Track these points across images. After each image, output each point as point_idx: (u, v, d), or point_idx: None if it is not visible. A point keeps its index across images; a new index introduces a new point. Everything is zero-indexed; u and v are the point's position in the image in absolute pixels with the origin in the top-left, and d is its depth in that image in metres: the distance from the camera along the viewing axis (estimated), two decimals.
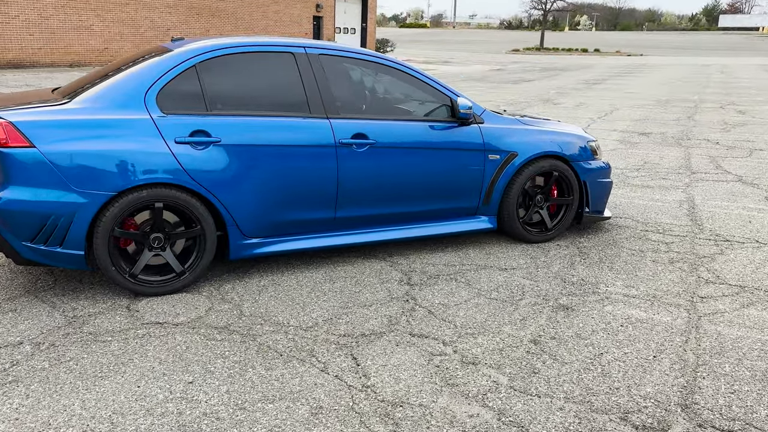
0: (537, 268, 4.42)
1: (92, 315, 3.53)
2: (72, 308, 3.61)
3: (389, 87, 4.53)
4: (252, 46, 4.06)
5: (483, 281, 4.15)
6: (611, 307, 3.80)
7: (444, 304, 3.77)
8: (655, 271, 4.39)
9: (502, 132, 4.69)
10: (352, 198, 4.25)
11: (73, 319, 3.48)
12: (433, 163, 4.44)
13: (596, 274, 4.33)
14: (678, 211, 5.93)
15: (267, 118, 3.96)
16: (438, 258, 4.55)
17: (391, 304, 3.75)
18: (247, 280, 4.05)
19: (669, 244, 4.97)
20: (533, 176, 4.81)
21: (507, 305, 3.79)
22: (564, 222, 5.02)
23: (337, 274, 4.19)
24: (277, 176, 3.98)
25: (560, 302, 3.85)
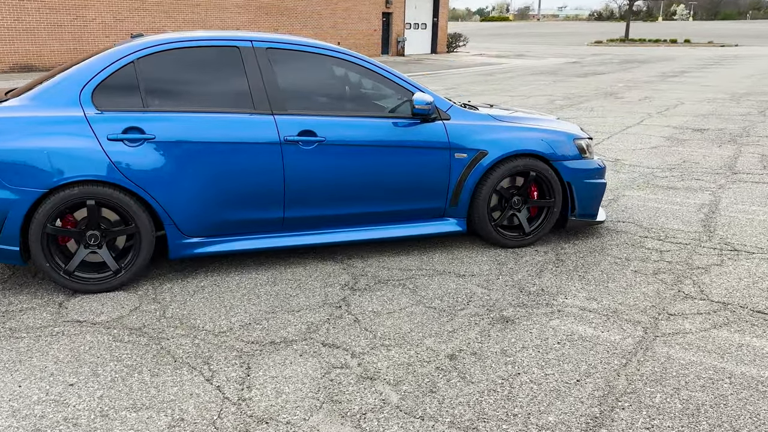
0: (499, 275, 4.10)
1: (23, 311, 3.56)
2: (8, 303, 3.65)
3: (346, 82, 4.33)
4: (195, 40, 3.98)
5: (432, 288, 3.88)
6: (558, 321, 3.46)
7: (375, 312, 3.55)
8: (631, 283, 3.98)
9: (470, 129, 4.39)
10: (302, 198, 4.09)
11: (3, 314, 3.51)
12: (392, 162, 4.21)
13: (562, 283, 3.97)
14: (694, 215, 5.39)
15: (204, 115, 3.86)
16: (397, 261, 4.32)
17: (320, 310, 3.57)
18: (188, 280, 3.97)
19: (663, 253, 4.50)
20: (507, 176, 4.48)
21: (444, 315, 3.52)
22: (544, 226, 4.65)
23: (283, 276, 4.04)
24: (217, 175, 3.88)
25: (504, 314, 3.54)
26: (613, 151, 8.21)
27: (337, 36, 28.16)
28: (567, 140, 4.62)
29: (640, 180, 6.64)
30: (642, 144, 8.70)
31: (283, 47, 4.10)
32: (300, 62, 4.14)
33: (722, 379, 2.89)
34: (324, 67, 4.20)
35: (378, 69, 4.27)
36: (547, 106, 12.90)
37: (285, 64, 4.09)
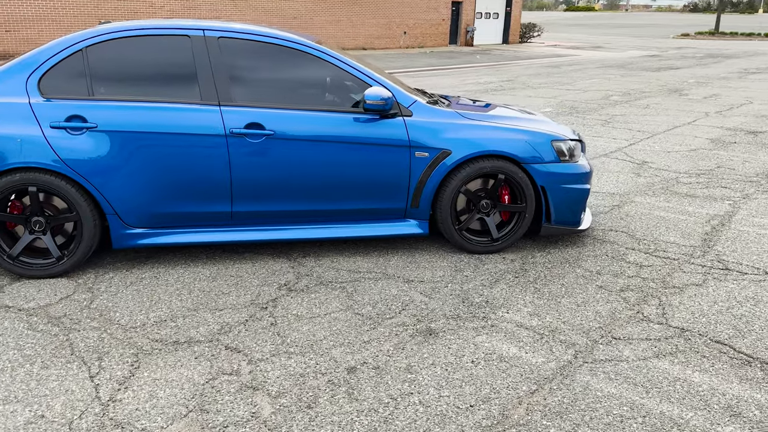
0: (449, 282, 3.86)
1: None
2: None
3: (302, 74, 4.15)
4: (146, 29, 3.93)
5: (372, 293, 3.70)
6: (485, 337, 3.20)
7: (299, 316, 3.41)
8: (588, 300, 3.65)
9: (433, 126, 4.15)
10: (250, 192, 3.99)
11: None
12: (346, 158, 4.04)
13: (512, 295, 3.69)
14: (698, 227, 4.93)
15: (149, 104, 3.81)
16: (351, 262, 4.15)
17: (244, 310, 3.46)
18: (132, 271, 3.96)
19: (642, 268, 4.12)
20: (473, 178, 4.21)
21: (367, 323, 3.33)
22: (515, 232, 4.36)
23: (226, 272, 3.96)
24: (161, 166, 3.83)
25: (431, 326, 3.31)
26: (646, 152, 7.67)
27: (404, 26, 27.93)
28: (543, 141, 4.29)
29: (658, 185, 6.15)
30: (681, 146, 8.10)
31: (235, 36, 3.99)
32: (253, 52, 4.02)
33: (634, 417, 2.58)
34: (279, 58, 4.06)
35: (338, 61, 4.09)
36: (599, 101, 12.27)
37: (237, 54, 3.98)
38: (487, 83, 15.42)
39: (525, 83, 15.75)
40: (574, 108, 11.41)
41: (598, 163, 7.05)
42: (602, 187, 6.09)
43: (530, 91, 13.78)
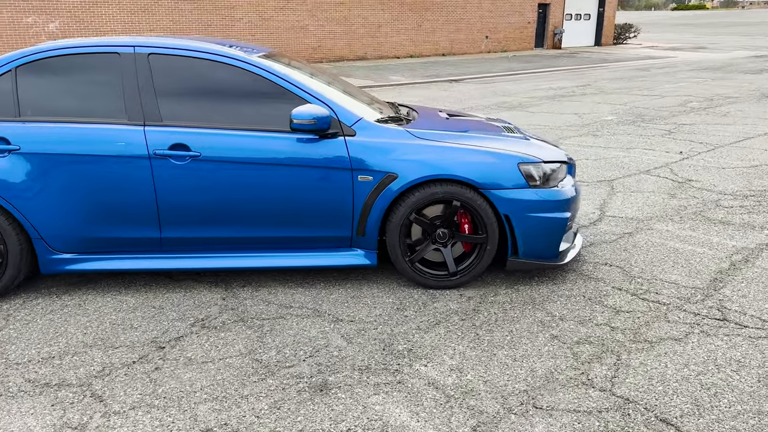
0: (382, 324, 3.43)
1: None
2: None
3: (237, 90, 3.83)
4: (78, 47, 3.77)
5: (286, 334, 3.34)
6: (381, 398, 2.76)
7: (191, 360, 3.11)
8: (528, 354, 3.12)
9: (377, 147, 3.73)
10: (179, 217, 3.74)
11: None
12: (282, 182, 3.70)
13: (443, 344, 3.21)
14: (712, 264, 4.19)
15: (73, 125, 3.65)
16: (288, 294, 3.81)
17: (138, 350, 3.20)
18: (62, 297, 3.82)
19: (618, 314, 3.50)
20: (424, 205, 3.75)
21: (260, 373, 2.98)
22: (476, 266, 3.85)
23: (152, 302, 3.73)
24: (85, 189, 3.67)
25: (329, 380, 2.91)
26: (696, 168, 6.80)
27: (486, 30, 27.21)
28: (507, 164, 3.76)
29: (691, 209, 5.37)
30: (742, 161, 7.13)
31: (166, 52, 3.76)
32: (185, 69, 3.77)
33: None
34: (213, 75, 3.78)
35: (275, 77, 3.76)
36: (673, 108, 11.22)
37: (167, 71, 3.75)
38: (558, 88, 14.57)
39: (600, 88, 14.76)
40: (641, 116, 10.48)
41: (633, 181, 6.30)
42: (623, 210, 5.38)
43: (600, 97, 12.86)
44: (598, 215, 5.25)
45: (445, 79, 16.75)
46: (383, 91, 14.19)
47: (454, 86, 15.34)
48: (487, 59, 24.37)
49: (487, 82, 16.40)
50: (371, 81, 16.21)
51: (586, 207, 5.46)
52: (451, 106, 11.72)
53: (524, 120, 10.08)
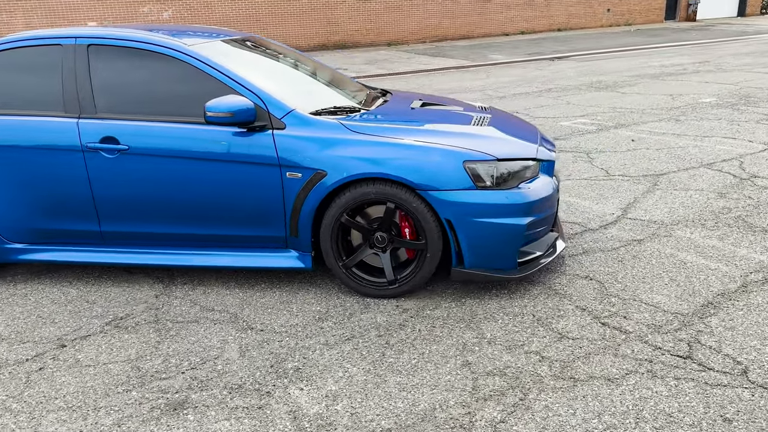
0: (291, 336, 3.18)
1: None
2: None
3: (170, 81, 3.64)
4: (24, 39, 3.79)
5: (187, 341, 3.18)
6: (231, 423, 2.52)
7: (76, 362, 3.03)
8: (417, 385, 2.72)
9: (306, 142, 3.43)
10: (114, 211, 3.69)
11: None
12: (211, 177, 3.52)
13: (337, 365, 2.90)
14: (717, 285, 3.51)
15: (12, 118, 3.68)
16: (221, 295, 3.65)
17: (39, 347, 3.18)
18: (14, 286, 3.91)
19: (558, 341, 3.00)
20: (357, 205, 3.41)
21: (129, 383, 2.84)
22: (416, 275, 3.46)
23: (88, 295, 3.72)
24: (26, 181, 3.71)
25: (190, 398, 2.71)
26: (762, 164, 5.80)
27: (608, 2, 25.34)
28: (450, 162, 3.31)
29: (735, 212, 4.55)
30: None
31: (106, 43, 3.67)
32: (121, 60, 3.67)
33: None
34: (146, 65, 3.64)
35: (207, 67, 3.55)
36: (754, 93, 9.76)
37: (105, 62, 3.67)
38: (670, 65, 13.22)
39: (719, 65, 13.20)
40: (746, 97, 9.20)
41: (685, 176, 5.47)
42: (651, 211, 4.67)
43: (713, 76, 11.48)
44: (615, 217, 4.59)
45: (547, 57, 15.75)
46: (475, 71, 13.58)
47: (552, 65, 14.38)
48: (607, 34, 22.69)
49: (590, 59, 15.23)
50: (468, 61, 15.59)
51: (607, 207, 4.80)
52: (538, 87, 10.96)
53: (607, 102, 9.18)
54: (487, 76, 12.77)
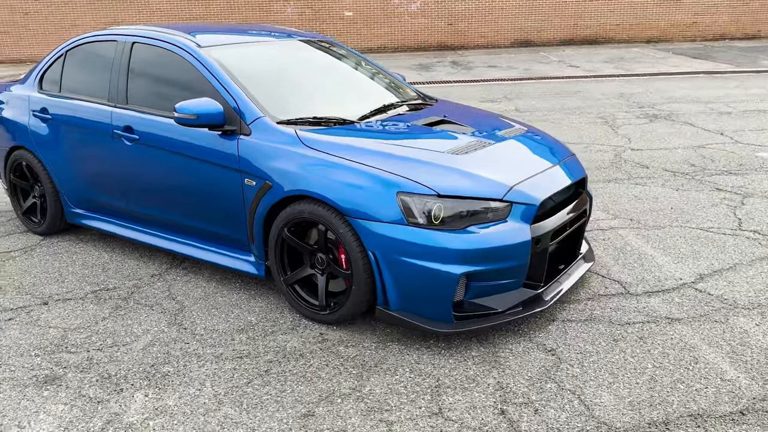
0: (199, 341, 3.23)
1: None
2: None
3: (179, 80, 3.80)
4: (99, 35, 4.36)
5: (125, 320, 3.44)
6: (24, 405, 2.71)
7: (36, 321, 3.49)
8: (249, 424, 2.59)
9: (262, 151, 3.40)
10: (133, 193, 4.11)
11: None
12: (191, 173, 3.71)
13: (199, 381, 2.89)
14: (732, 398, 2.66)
15: (78, 102, 4.29)
16: (201, 288, 3.83)
17: (25, 300, 3.73)
18: (72, 244, 4.60)
19: (433, 416, 2.59)
20: (295, 222, 3.31)
21: (45, 349, 3.20)
22: (342, 306, 3.23)
23: (111, 263, 4.21)
24: (81, 156, 4.31)
25: (63, 375, 2.96)
26: None
27: None
28: (383, 192, 3.00)
29: None
30: None
31: (145, 41, 4.05)
32: (149, 57, 4.00)
33: None
34: (167, 63, 3.91)
35: (203, 68, 3.71)
36: None
37: (139, 58, 4.05)
38: None
39: None
40: None
41: None
42: (735, 285, 3.66)
43: None
44: (679, 284, 3.68)
45: None
46: (725, 79, 11.60)
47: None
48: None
49: None
50: (730, 66, 13.42)
51: (683, 269, 3.87)
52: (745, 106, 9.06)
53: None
54: (736, 86, 10.85)
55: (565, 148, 3.80)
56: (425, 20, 18.82)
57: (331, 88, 4.06)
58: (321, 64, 4.28)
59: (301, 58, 4.23)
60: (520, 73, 13.46)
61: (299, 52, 4.27)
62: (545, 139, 3.79)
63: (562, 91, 10.98)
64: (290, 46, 4.30)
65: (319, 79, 4.10)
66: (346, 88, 4.14)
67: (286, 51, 4.23)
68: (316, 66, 4.23)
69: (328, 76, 4.18)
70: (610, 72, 13.22)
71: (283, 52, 4.20)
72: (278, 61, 4.08)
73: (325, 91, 3.99)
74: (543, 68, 14.15)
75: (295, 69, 4.08)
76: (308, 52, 4.32)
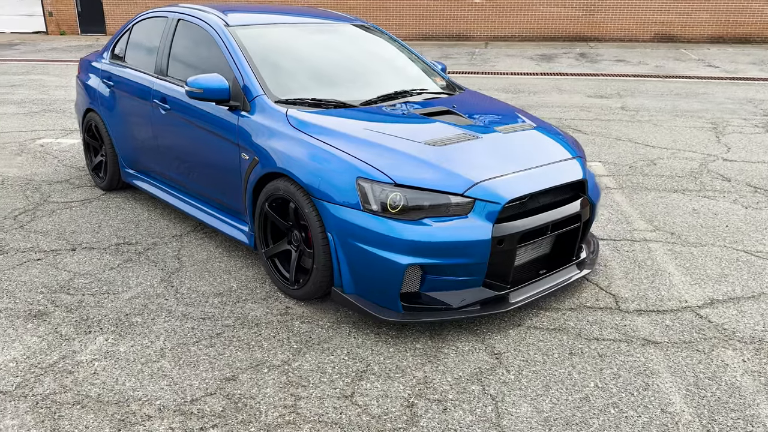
0: (178, 299, 3.48)
1: None
2: None
3: (207, 56, 4.05)
4: (155, 11, 4.74)
5: (127, 275, 3.79)
6: (32, 337, 3.08)
7: (57, 265, 3.94)
8: (176, 378, 2.81)
9: (255, 127, 3.55)
10: (165, 158, 4.45)
11: None
12: (204, 144, 3.95)
13: (160, 335, 3.15)
14: None
15: (131, 70, 4.72)
16: (202, 249, 4.12)
17: (59, 244, 4.20)
18: (112, 199, 5.08)
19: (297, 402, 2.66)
20: (274, 198, 3.45)
21: (50, 288, 3.62)
22: (307, 284, 3.33)
23: (145, 222, 4.62)
24: (132, 121, 4.74)
25: (52, 312, 3.34)
26: None
27: None
28: (345, 175, 3.06)
29: None
30: None
31: (185, 18, 4.35)
32: (188, 33, 4.29)
33: None
34: (199, 40, 4.17)
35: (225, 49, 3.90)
36: None
37: (181, 34, 4.36)
38: None
39: None
40: None
41: None
42: (745, 315, 3.33)
43: None
44: (682, 306, 3.40)
45: None
46: None
47: None
48: None
49: None
50: None
51: (699, 292, 3.56)
52: None
53: None
54: None
55: (572, 149, 3.60)
56: (561, 9, 18.11)
57: (349, 73, 4.11)
58: (350, 48, 4.35)
59: (330, 42, 4.31)
60: (648, 69, 12.64)
61: (331, 36, 4.36)
62: (549, 139, 3.62)
63: (685, 91, 10.20)
64: (324, 29, 4.40)
65: (341, 63, 4.17)
66: (366, 73, 4.17)
67: (318, 34, 4.33)
68: (343, 50, 4.30)
69: (353, 61, 4.23)
70: (753, 75, 12.06)
71: (314, 35, 4.30)
72: (304, 43, 4.19)
73: (341, 75, 4.05)
74: (676, 66, 13.18)
75: (318, 52, 4.17)
76: (341, 37, 4.40)
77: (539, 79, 11.93)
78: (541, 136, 3.61)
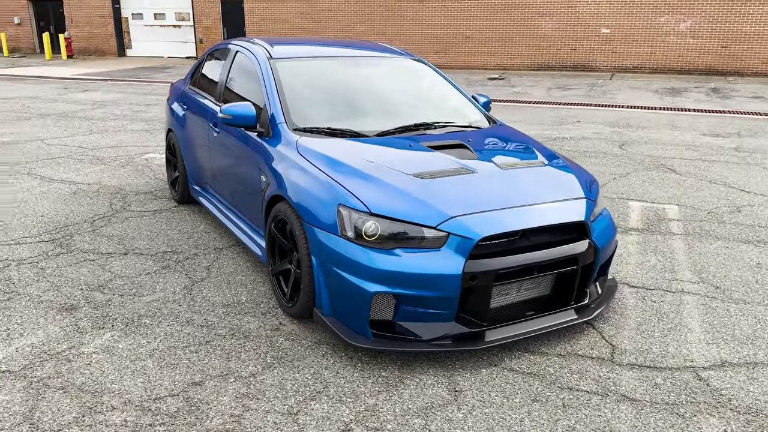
0: (186, 306, 3.81)
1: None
2: None
3: (253, 85, 4.37)
4: (224, 44, 5.21)
5: (159, 281, 4.19)
6: (53, 327, 3.52)
7: (99, 261, 4.43)
8: (159, 377, 3.10)
9: (271, 153, 3.81)
10: (216, 177, 4.85)
11: None
12: (239, 165, 4.31)
13: (157, 336, 3.47)
14: None
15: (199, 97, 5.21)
16: (232, 261, 4.45)
17: (113, 246, 4.70)
18: (180, 212, 5.57)
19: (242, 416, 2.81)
20: (279, 219, 3.66)
21: (90, 285, 4.08)
22: (298, 301, 3.50)
23: (197, 235, 5.06)
24: (198, 144, 5.23)
25: (83, 306, 3.78)
26: None
27: None
28: (328, 201, 3.19)
29: None
30: None
31: (241, 51, 4.76)
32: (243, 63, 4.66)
33: None
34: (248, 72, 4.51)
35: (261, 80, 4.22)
36: None
37: (237, 65, 4.75)
38: None
39: None
40: None
41: None
42: (759, 382, 3.06)
43: None
44: (687, 364, 3.18)
45: None
46: None
47: None
48: None
49: None
50: None
51: (714, 351, 3.31)
52: None
53: None
54: None
55: (579, 189, 3.48)
56: (694, 41, 17.07)
57: (376, 104, 4.24)
58: (386, 81, 4.48)
59: (368, 75, 4.48)
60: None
61: (371, 69, 4.53)
62: (556, 177, 3.52)
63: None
64: (367, 62, 4.57)
65: (371, 95, 4.31)
66: (394, 105, 4.28)
67: (357, 67, 4.51)
68: (378, 83, 4.44)
69: (384, 93, 4.36)
70: None
71: (353, 68, 4.49)
72: (341, 75, 4.39)
73: (367, 107, 4.19)
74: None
75: (352, 84, 4.35)
76: (381, 70, 4.56)
77: (656, 113, 11.36)
78: (548, 173, 3.53)
